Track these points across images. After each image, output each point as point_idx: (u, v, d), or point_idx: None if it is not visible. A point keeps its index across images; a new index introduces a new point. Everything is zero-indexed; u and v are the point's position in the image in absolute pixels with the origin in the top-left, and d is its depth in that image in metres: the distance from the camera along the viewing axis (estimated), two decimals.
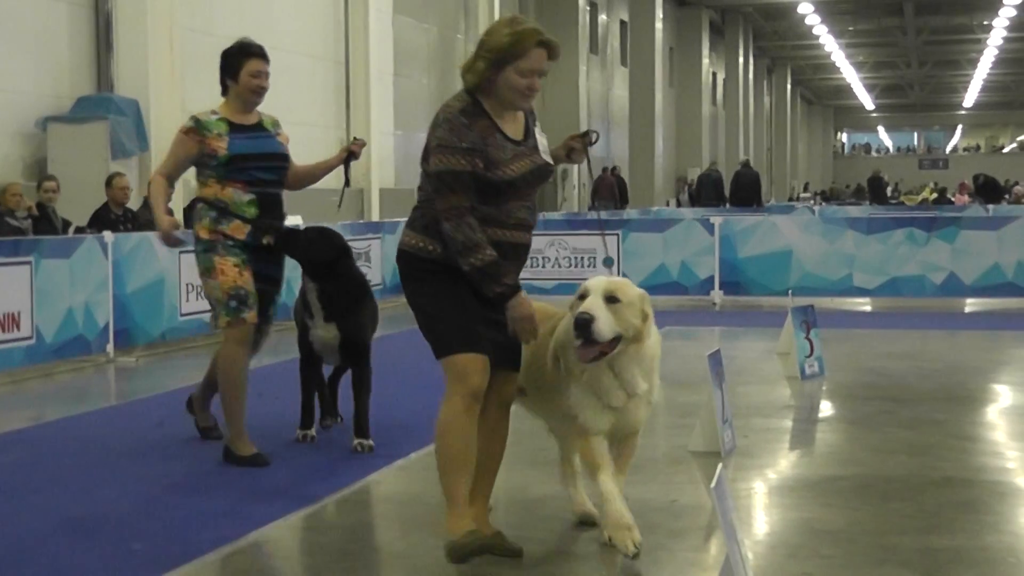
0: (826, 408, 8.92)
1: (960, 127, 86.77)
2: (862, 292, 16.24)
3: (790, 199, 47.24)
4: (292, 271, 7.62)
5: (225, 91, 7.26)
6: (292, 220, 15.92)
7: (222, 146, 7.04)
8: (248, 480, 6.77)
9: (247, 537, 5.48)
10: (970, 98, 70.89)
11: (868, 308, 16.29)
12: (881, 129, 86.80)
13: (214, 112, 7.17)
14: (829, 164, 79.69)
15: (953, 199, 33.41)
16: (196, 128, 7.10)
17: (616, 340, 4.83)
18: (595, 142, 5.41)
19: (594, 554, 5.08)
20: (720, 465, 4.64)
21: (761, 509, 5.99)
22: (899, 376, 9.98)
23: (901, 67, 60.69)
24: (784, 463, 7.09)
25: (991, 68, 56.90)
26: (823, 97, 75.24)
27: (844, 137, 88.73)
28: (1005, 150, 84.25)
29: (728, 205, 27.78)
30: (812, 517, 5.71)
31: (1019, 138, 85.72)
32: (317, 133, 19.65)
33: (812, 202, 37.52)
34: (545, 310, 5.33)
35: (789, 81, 62.14)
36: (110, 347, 11.55)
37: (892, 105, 76.93)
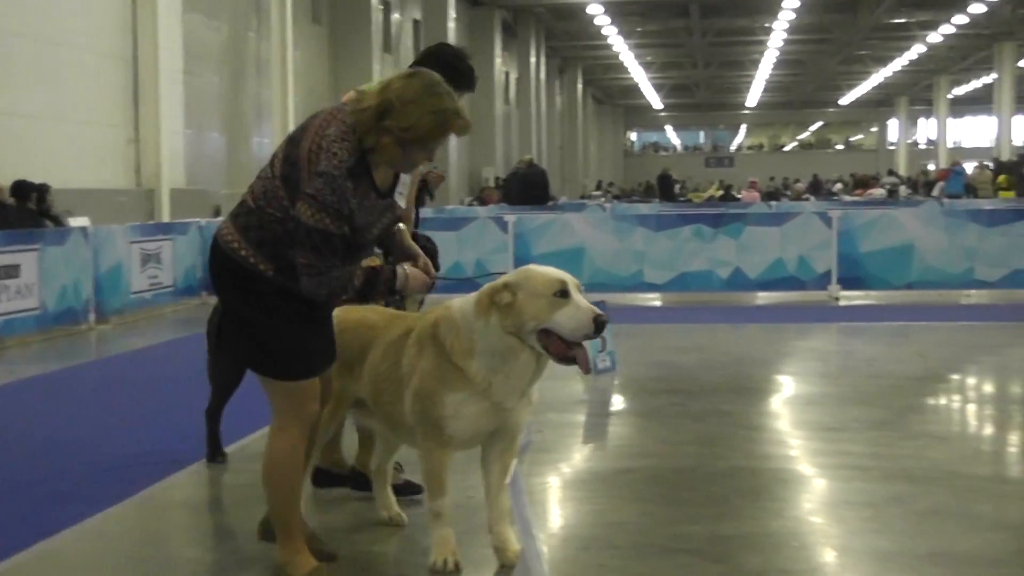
0: (618, 402, 9.09)
1: (744, 126, 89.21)
2: (652, 287, 16.58)
3: (582, 197, 47.85)
4: None
5: None
6: (78, 221, 15.58)
7: None
8: (37, 485, 6.55)
9: (32, 549, 5.31)
10: (753, 98, 72.86)
11: (658, 303, 16.64)
12: (669, 128, 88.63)
13: None
14: (620, 162, 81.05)
15: (741, 196, 34.30)
16: None
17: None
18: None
19: (392, 554, 5.10)
20: (515, 461, 4.71)
21: (556, 503, 6.08)
22: (688, 369, 10.24)
23: (688, 67, 62.06)
24: (578, 457, 7.21)
25: (772, 69, 58.57)
26: (613, 96, 76.45)
27: (634, 136, 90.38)
28: (786, 148, 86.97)
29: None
30: (605, 509, 5.83)
31: (799, 137, 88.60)
32: (104, 132, 19.15)
33: (603, 200, 38.10)
34: (367, 317, 5.15)
35: (580, 81, 62.98)
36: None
37: (679, 105, 78.61)
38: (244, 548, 5.25)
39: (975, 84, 64.68)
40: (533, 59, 48.79)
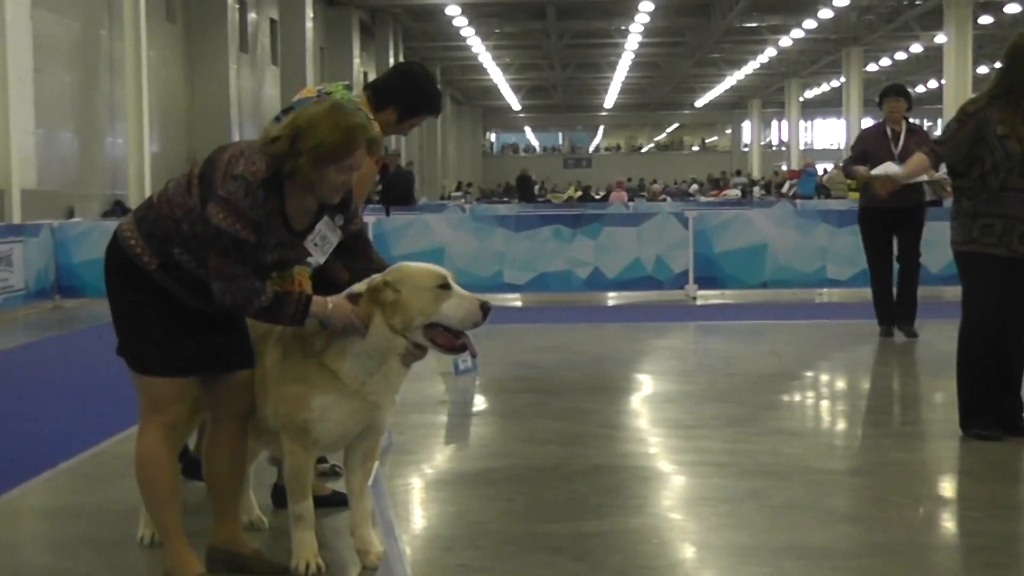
0: (479, 402, 9.12)
1: (602, 128, 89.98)
2: (512, 288, 16.65)
3: (442, 198, 47.87)
4: None
5: None
6: None
7: None
8: None
9: None
10: (610, 100, 73.55)
11: (518, 303, 16.72)
12: (528, 129, 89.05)
13: None
14: (479, 163, 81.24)
15: (608, 196, 34.56)
16: None
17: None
18: None
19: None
20: (376, 463, 4.70)
21: (418, 504, 6.08)
22: (549, 368, 10.30)
23: (545, 69, 62.43)
24: (440, 457, 7.21)
25: (628, 71, 59.17)
26: (472, 97, 76.60)
27: (493, 137, 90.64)
28: (643, 150, 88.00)
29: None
30: (467, 509, 5.84)
31: (656, 138, 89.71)
32: None
33: (463, 200, 38.16)
34: None
35: (439, 82, 63.11)
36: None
37: (538, 106, 79.07)
38: (104, 557, 5.16)
39: (825, 87, 66.20)
40: (391, 60, 48.58)
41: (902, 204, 10.74)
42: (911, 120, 11.57)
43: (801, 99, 65.33)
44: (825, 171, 38.20)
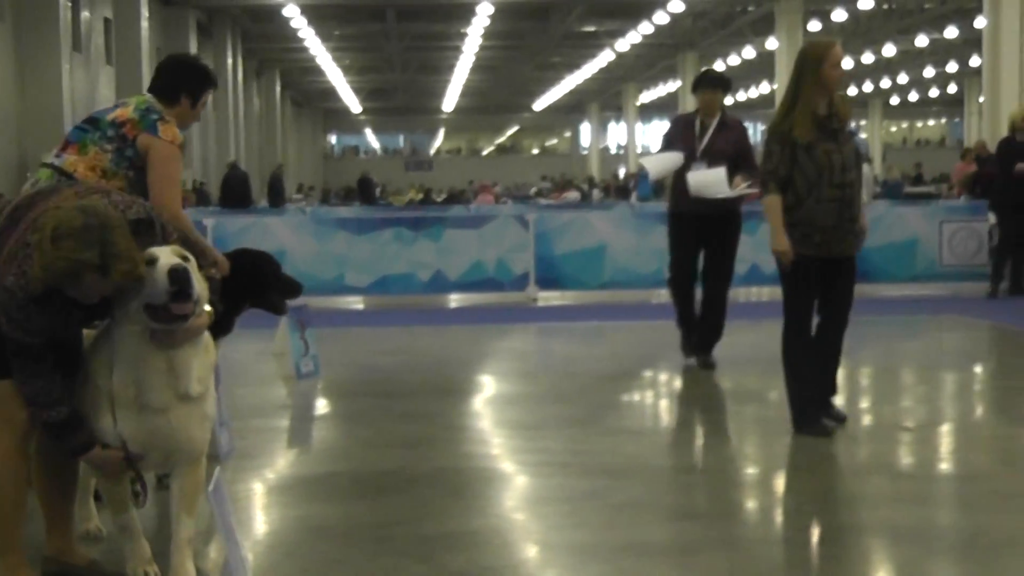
0: (322, 406, 9.07)
1: (443, 130, 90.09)
2: (354, 291, 16.57)
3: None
4: None
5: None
6: None
7: None
8: None
9: None
10: (450, 102, 73.62)
11: (360, 306, 16.66)
12: (368, 131, 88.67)
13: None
14: (320, 165, 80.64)
15: (475, 201, 34.52)
16: None
17: (196, 305, 4.43)
18: None
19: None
20: (218, 468, 4.65)
21: (260, 509, 6.03)
22: (391, 371, 10.29)
23: (385, 71, 62.25)
24: (282, 462, 7.16)
25: (468, 74, 59.32)
26: (312, 99, 75.98)
27: (334, 139, 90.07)
28: (484, 153, 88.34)
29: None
30: (310, 514, 5.81)
31: (497, 141, 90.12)
32: None
33: (303, 203, 37.84)
34: None
35: (279, 83, 62.26)
36: None
37: (378, 108, 78.75)
38: None
39: (662, 91, 67.18)
40: (230, 60, 48.00)
41: (713, 211, 9.58)
42: (728, 113, 9.98)
43: (638, 103, 66.28)
44: None
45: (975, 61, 45.91)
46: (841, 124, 7.33)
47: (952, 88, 64.75)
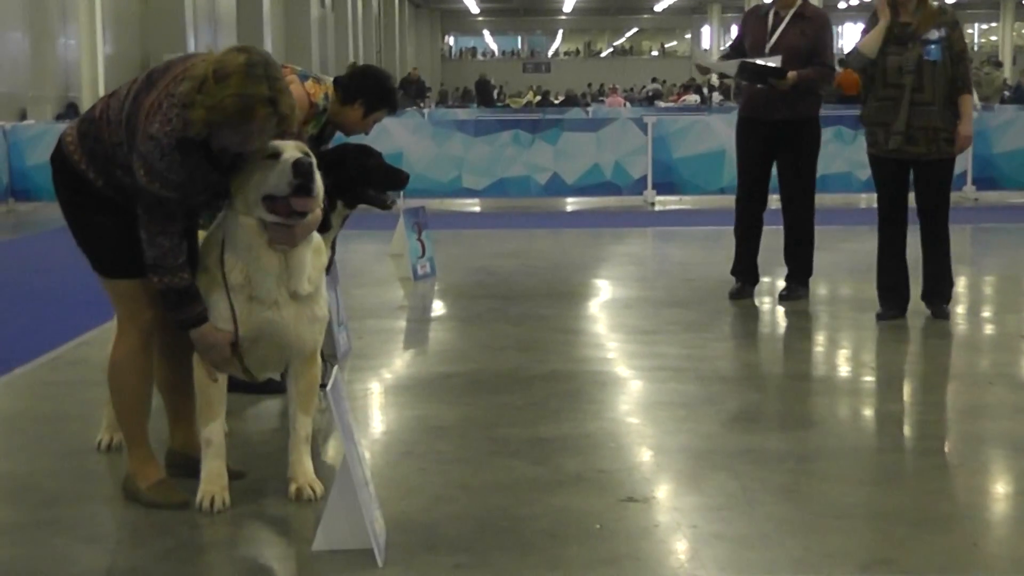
0: (438, 308, 9.13)
1: (561, 32, 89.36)
2: (471, 193, 16.62)
3: None
4: None
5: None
6: None
7: None
8: None
9: None
10: (569, 4, 72.94)
11: (477, 209, 16.69)
12: (487, 33, 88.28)
13: None
14: (438, 67, 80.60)
15: (606, 102, 34.23)
16: None
17: (315, 202, 4.42)
18: None
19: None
20: (336, 367, 4.70)
21: (377, 408, 6.11)
22: (507, 275, 10.32)
23: None
24: (399, 363, 7.24)
25: None
26: (430, 0, 75.80)
27: (451, 41, 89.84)
28: (602, 55, 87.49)
29: None
30: (426, 414, 5.87)
31: (615, 43, 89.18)
32: None
33: (421, 105, 37.92)
34: None
35: None
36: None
37: (496, 10, 78.29)
38: (64, 462, 5.16)
39: None
40: None
41: (787, 116, 8.64)
42: (811, 4, 8.81)
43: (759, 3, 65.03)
44: None
45: None
46: (916, 31, 7.59)
47: None
